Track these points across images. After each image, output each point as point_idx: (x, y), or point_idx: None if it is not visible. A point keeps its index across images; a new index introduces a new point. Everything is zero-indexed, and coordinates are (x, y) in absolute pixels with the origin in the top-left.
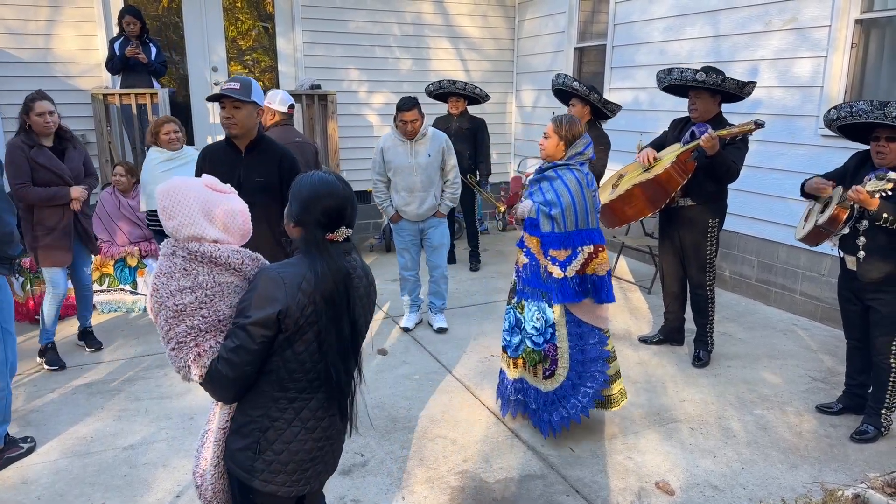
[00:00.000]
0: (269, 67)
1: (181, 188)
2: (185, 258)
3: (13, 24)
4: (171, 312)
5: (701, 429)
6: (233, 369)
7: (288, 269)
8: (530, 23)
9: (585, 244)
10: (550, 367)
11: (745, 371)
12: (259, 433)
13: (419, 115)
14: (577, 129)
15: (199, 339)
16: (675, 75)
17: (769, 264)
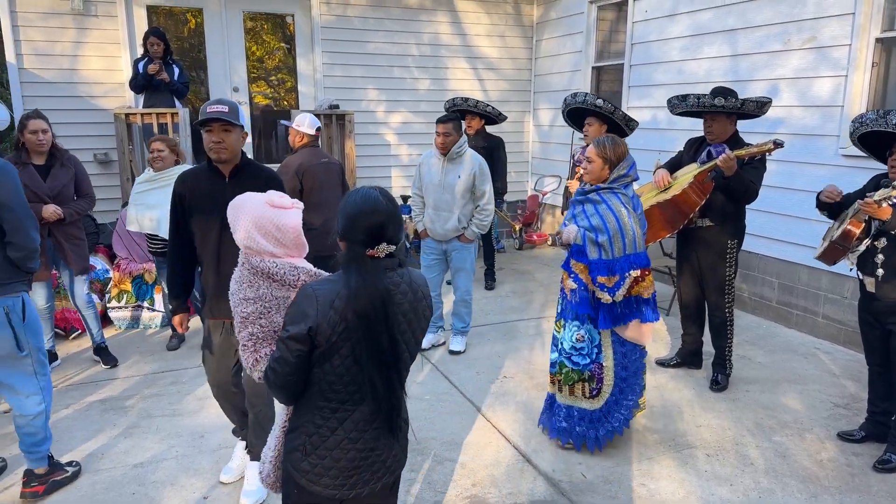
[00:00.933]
0: (292, 88)
1: (240, 204)
2: (250, 271)
3: (40, 45)
4: (238, 318)
5: (718, 455)
6: (276, 378)
7: (325, 286)
8: (548, 42)
9: (633, 268)
10: (596, 386)
11: (764, 396)
12: (306, 437)
13: (452, 131)
14: (620, 149)
15: (257, 346)
16: (691, 101)
17: (790, 286)
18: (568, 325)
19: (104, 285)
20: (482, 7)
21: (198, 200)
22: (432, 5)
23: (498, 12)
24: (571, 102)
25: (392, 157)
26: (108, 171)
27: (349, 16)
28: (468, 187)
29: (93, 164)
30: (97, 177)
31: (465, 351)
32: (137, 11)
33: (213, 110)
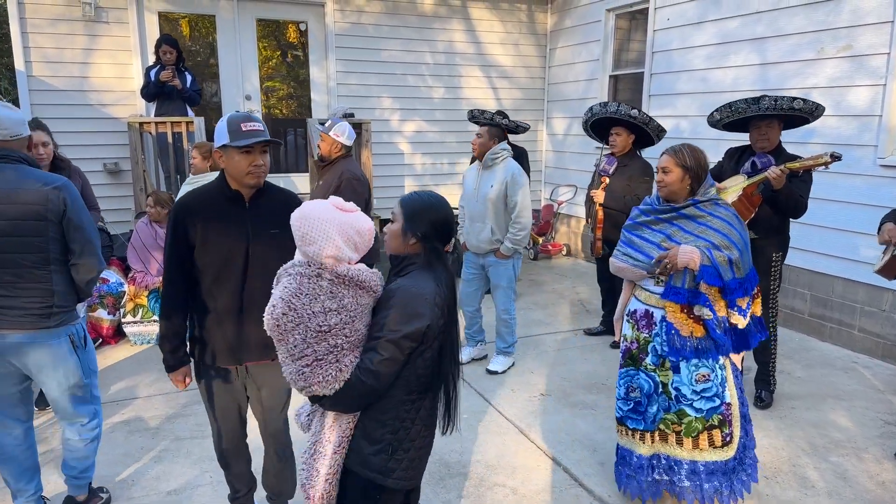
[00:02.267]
0: (305, 96)
1: (317, 213)
2: (332, 281)
3: (50, 52)
4: (313, 332)
5: (776, 478)
6: (379, 380)
7: (423, 285)
8: (562, 51)
9: (753, 287)
10: (729, 431)
11: (810, 413)
12: (391, 435)
13: (485, 135)
14: (701, 156)
15: (339, 356)
16: (765, 104)
17: (824, 298)
18: (684, 366)
19: (118, 299)
20: (496, 15)
21: (214, 232)
22: (447, 13)
23: (512, 20)
24: (600, 112)
25: (406, 166)
26: (119, 181)
27: (363, 23)
28: (500, 197)
29: (103, 174)
30: (107, 187)
31: (504, 371)
32: (149, 18)
33: (253, 129)
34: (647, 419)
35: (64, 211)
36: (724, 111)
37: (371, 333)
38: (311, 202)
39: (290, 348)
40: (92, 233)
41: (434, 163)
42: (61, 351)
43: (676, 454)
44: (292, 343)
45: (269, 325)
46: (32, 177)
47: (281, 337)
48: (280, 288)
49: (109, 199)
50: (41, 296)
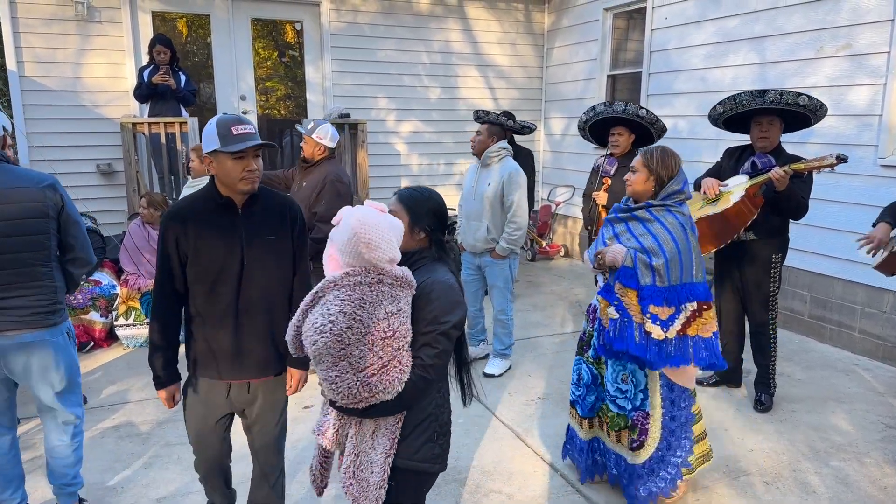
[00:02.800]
0: (300, 96)
1: (375, 219)
2: (392, 285)
3: (41, 52)
4: (379, 339)
5: (776, 483)
6: (438, 372)
7: (446, 276)
8: (560, 50)
9: (690, 300)
10: (639, 438)
11: (811, 416)
12: (434, 422)
13: (486, 131)
14: (670, 163)
15: (399, 358)
16: (771, 96)
17: (823, 300)
18: (611, 363)
19: (110, 302)
20: (493, 14)
21: (207, 243)
22: (443, 13)
23: (509, 20)
24: (604, 112)
25: (402, 167)
26: (112, 182)
27: (359, 23)
28: (496, 196)
29: (96, 175)
30: (100, 188)
31: (501, 375)
32: (142, 18)
33: (244, 132)
34: (586, 407)
35: (62, 207)
36: (728, 104)
37: (419, 329)
38: (356, 210)
39: (355, 361)
40: (84, 227)
41: (431, 163)
42: (62, 346)
43: (606, 443)
44: (357, 356)
45: (330, 342)
46: (24, 175)
47: (343, 352)
48: (335, 302)
49: (102, 200)
50: (47, 293)
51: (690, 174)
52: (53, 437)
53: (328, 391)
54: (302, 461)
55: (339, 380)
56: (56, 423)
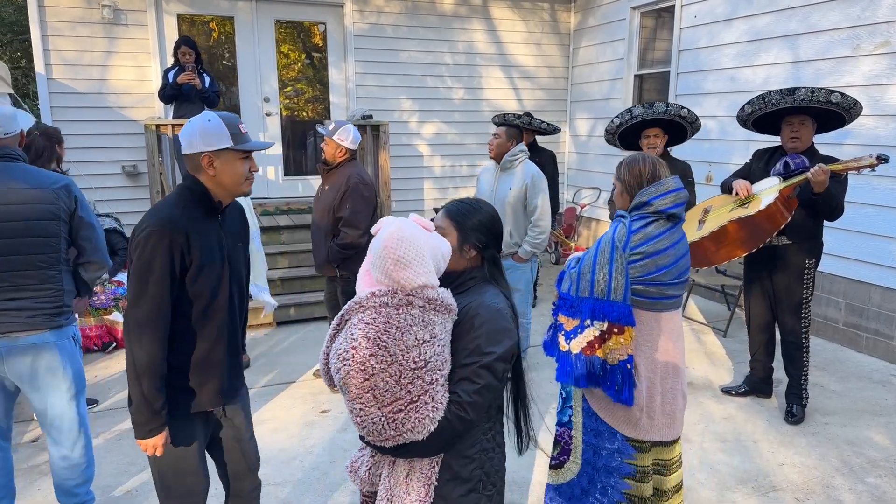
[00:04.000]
0: (323, 98)
1: (413, 235)
2: (424, 308)
3: (69, 55)
4: (408, 370)
5: (808, 500)
6: (477, 412)
7: (496, 300)
8: (586, 50)
9: (597, 319)
10: (559, 457)
11: (845, 430)
12: (479, 470)
13: (504, 134)
14: (636, 170)
15: (434, 394)
16: (802, 94)
17: (860, 307)
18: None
19: None
20: (518, 14)
21: (204, 252)
22: (467, 13)
23: (534, 20)
24: (643, 114)
25: (425, 168)
26: (137, 183)
27: (382, 24)
28: (519, 200)
29: (121, 177)
30: (125, 189)
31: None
32: (168, 20)
33: (247, 131)
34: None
35: (75, 209)
36: (758, 103)
37: (458, 361)
38: (395, 221)
39: (380, 394)
40: (99, 230)
41: (453, 165)
42: (68, 350)
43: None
44: (382, 388)
45: (353, 372)
46: (37, 176)
47: (367, 382)
48: (359, 326)
49: (127, 201)
50: (53, 295)
51: (721, 176)
52: (56, 453)
53: (356, 425)
54: (317, 467)
55: (363, 413)
56: (60, 437)
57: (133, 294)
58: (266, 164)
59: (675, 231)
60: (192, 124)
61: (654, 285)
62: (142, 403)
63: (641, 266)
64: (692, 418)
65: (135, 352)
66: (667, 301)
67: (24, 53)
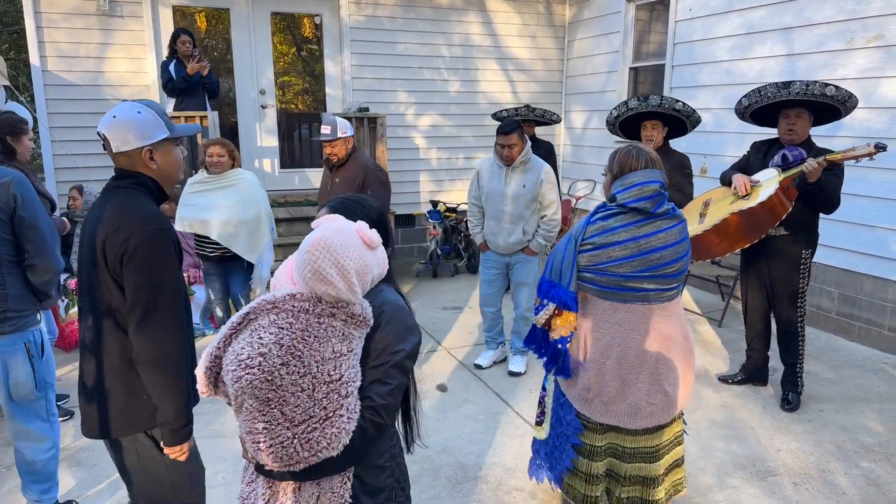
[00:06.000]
0: (319, 90)
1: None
2: (346, 322)
3: (64, 47)
4: (322, 384)
5: (805, 484)
6: (390, 415)
7: (393, 297)
8: (581, 43)
9: (550, 300)
10: (539, 417)
11: (840, 416)
12: (391, 478)
13: (519, 140)
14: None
15: (347, 405)
16: (797, 88)
17: (852, 297)
18: None
19: None
20: (513, 7)
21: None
22: (463, 5)
23: (529, 12)
24: (638, 107)
25: (421, 161)
26: None
27: (378, 16)
28: (533, 197)
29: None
30: None
31: (525, 372)
32: (163, 12)
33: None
34: None
35: (14, 209)
36: (754, 96)
37: (367, 363)
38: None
39: (290, 409)
40: (47, 231)
41: (450, 157)
42: (14, 359)
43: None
44: (293, 402)
45: (257, 382)
46: None
47: (274, 396)
48: (271, 329)
49: None
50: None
51: (717, 168)
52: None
53: (254, 451)
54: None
55: (270, 434)
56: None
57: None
58: (262, 157)
59: (641, 225)
60: (120, 119)
61: (605, 275)
62: (178, 402)
63: (592, 255)
64: (689, 406)
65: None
66: (627, 292)
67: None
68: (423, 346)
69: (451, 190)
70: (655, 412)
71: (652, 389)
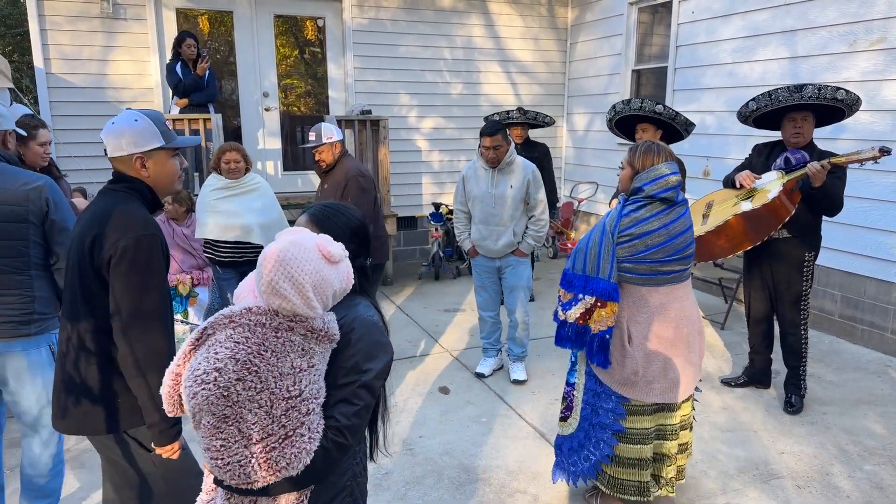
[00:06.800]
0: (322, 93)
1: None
2: (305, 337)
3: (68, 49)
4: (281, 401)
5: (808, 487)
6: (355, 436)
7: (367, 312)
8: (584, 45)
9: (587, 294)
10: (564, 412)
11: (843, 419)
12: (349, 498)
13: (504, 141)
14: (649, 159)
15: (308, 424)
16: (809, 92)
17: (855, 300)
18: None
19: None
20: (515, 9)
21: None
22: (465, 8)
23: (532, 14)
24: (624, 110)
25: (423, 163)
26: None
27: (381, 19)
28: (521, 197)
29: None
30: None
31: (527, 380)
32: (167, 14)
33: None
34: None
35: (47, 212)
36: (763, 100)
37: (334, 381)
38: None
39: (247, 427)
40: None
41: (451, 160)
42: (40, 360)
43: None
44: (251, 420)
45: (213, 398)
46: (12, 176)
47: (230, 412)
48: (227, 344)
49: None
50: (21, 302)
51: (719, 171)
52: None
53: (212, 466)
54: None
55: (226, 452)
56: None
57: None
58: (265, 160)
59: (668, 212)
60: (117, 126)
61: (644, 263)
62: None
63: (630, 246)
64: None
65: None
66: (662, 276)
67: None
68: (427, 348)
69: (453, 192)
70: (690, 383)
71: (685, 363)
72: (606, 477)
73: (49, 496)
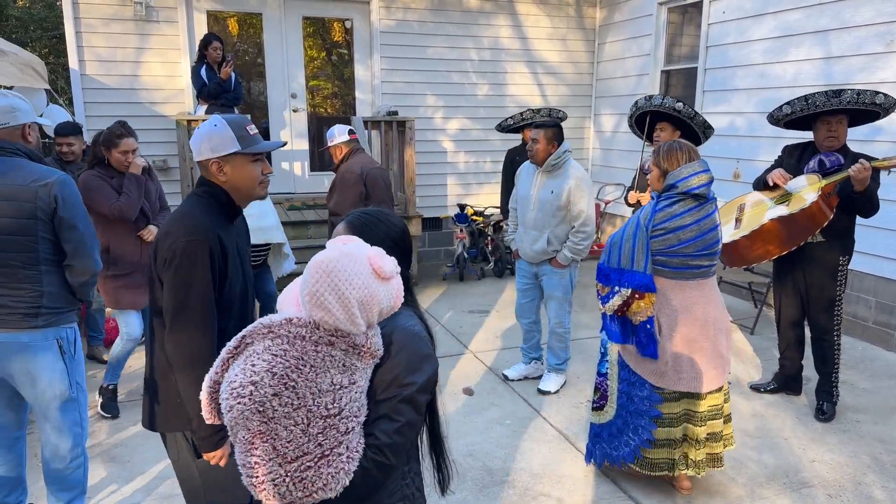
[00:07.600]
0: (349, 94)
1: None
2: (347, 352)
3: (102, 52)
4: (318, 419)
5: (840, 496)
6: (397, 455)
7: (409, 322)
8: (612, 46)
9: (623, 286)
10: (599, 402)
11: (877, 428)
12: None
13: (542, 137)
14: (674, 157)
15: (347, 443)
16: (848, 97)
17: (890, 305)
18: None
19: None
20: (543, 10)
21: (231, 261)
22: (492, 9)
23: (560, 15)
24: (644, 105)
25: (448, 164)
26: (168, 178)
27: (408, 20)
28: (560, 204)
29: None
30: None
31: (557, 391)
32: (198, 17)
33: (256, 133)
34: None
35: (55, 209)
36: (799, 104)
37: (374, 396)
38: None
39: (282, 445)
40: (87, 232)
41: (477, 161)
42: (46, 352)
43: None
44: (286, 437)
45: (249, 413)
46: (24, 171)
47: (265, 429)
48: (264, 356)
49: None
50: (29, 295)
51: (750, 173)
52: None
53: (247, 484)
54: None
55: (262, 469)
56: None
57: (175, 298)
58: (293, 160)
59: (700, 209)
60: (199, 130)
61: (676, 256)
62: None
63: (664, 240)
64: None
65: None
66: (692, 270)
67: (52, 49)
68: (451, 349)
69: (478, 193)
70: (718, 375)
71: (713, 354)
72: (644, 461)
73: (73, 488)
